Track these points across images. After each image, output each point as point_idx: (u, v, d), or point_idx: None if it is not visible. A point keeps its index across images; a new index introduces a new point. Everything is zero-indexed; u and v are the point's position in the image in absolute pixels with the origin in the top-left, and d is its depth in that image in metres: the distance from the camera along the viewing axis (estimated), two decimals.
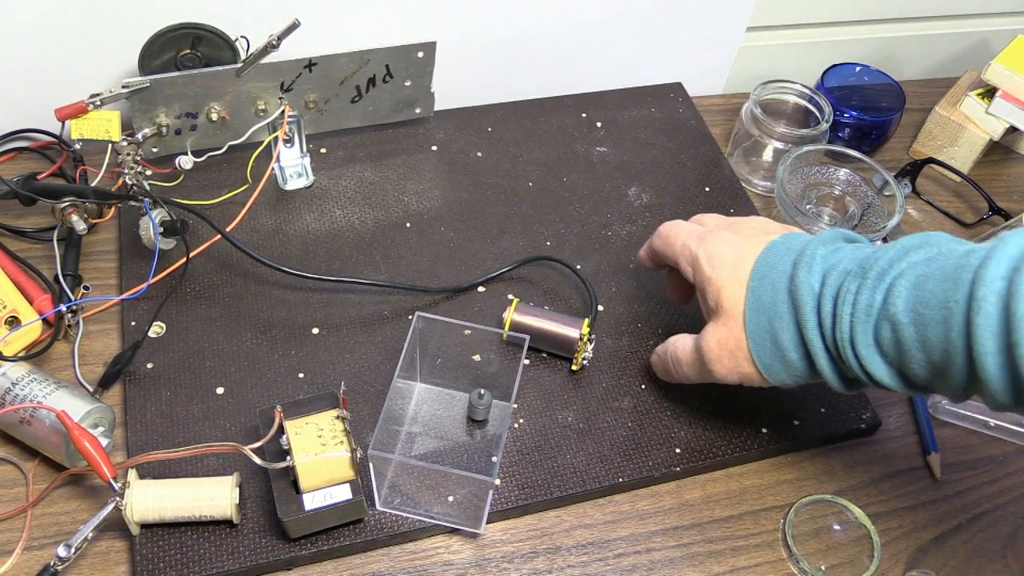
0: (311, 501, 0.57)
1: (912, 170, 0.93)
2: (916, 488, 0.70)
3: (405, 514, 0.62)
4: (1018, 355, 0.46)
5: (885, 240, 0.80)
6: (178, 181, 0.77)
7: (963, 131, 0.93)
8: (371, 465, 0.61)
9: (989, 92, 0.92)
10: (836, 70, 0.96)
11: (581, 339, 0.70)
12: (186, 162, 0.73)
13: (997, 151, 0.98)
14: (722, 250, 0.61)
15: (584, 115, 0.93)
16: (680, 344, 0.65)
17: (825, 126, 0.87)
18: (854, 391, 0.59)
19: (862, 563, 0.65)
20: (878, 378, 0.54)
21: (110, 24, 0.77)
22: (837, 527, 0.66)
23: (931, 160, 0.93)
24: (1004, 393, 0.48)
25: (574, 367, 0.71)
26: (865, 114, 0.93)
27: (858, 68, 0.97)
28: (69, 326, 0.70)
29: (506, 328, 0.70)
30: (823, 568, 0.64)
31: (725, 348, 0.60)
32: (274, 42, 0.72)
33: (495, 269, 0.77)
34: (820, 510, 0.67)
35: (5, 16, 0.75)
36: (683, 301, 0.72)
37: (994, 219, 0.90)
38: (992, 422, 0.73)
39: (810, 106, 0.91)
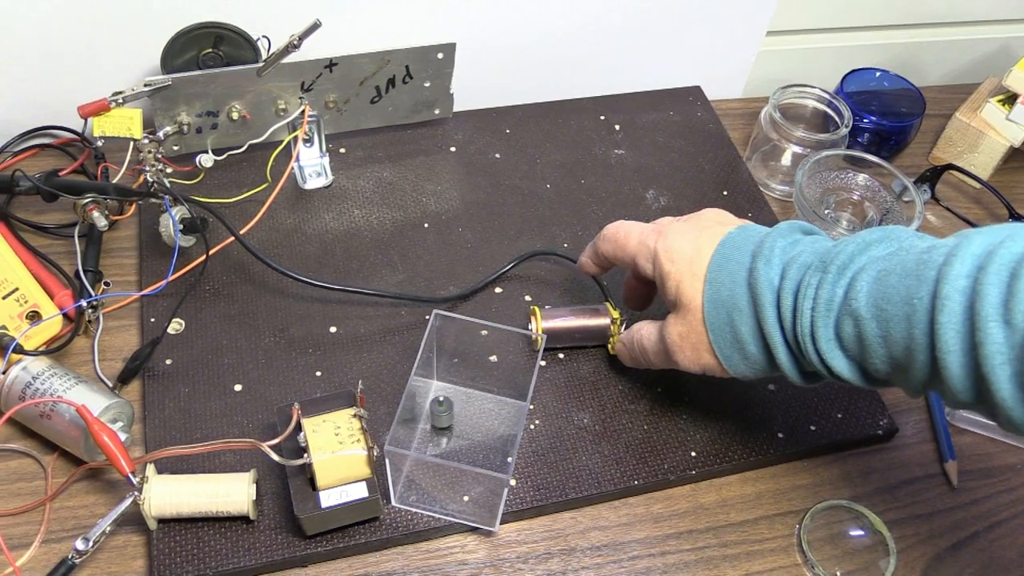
0: (327, 499, 0.57)
1: (932, 176, 0.92)
2: (933, 495, 0.69)
3: (420, 511, 0.62)
4: (982, 355, 0.46)
5: None
6: (198, 179, 0.78)
7: (983, 137, 0.93)
8: (387, 461, 0.61)
9: (1010, 98, 0.92)
10: (856, 75, 0.96)
11: (614, 323, 0.70)
12: (206, 160, 0.73)
13: (1017, 157, 0.98)
14: (679, 243, 0.61)
15: (602, 118, 0.93)
16: (645, 333, 0.65)
17: (844, 131, 0.87)
18: (812, 384, 0.58)
19: (877, 570, 0.64)
20: (838, 372, 0.54)
21: (133, 23, 0.78)
22: (853, 533, 0.66)
23: (951, 166, 0.93)
24: (967, 392, 0.48)
25: (611, 351, 0.71)
26: (885, 119, 0.92)
27: (878, 73, 0.97)
28: (89, 321, 0.70)
29: (539, 337, 0.69)
30: (838, 574, 0.64)
31: (687, 340, 0.60)
32: (295, 42, 0.73)
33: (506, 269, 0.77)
34: (836, 516, 0.67)
35: (29, 14, 0.76)
36: (642, 307, 0.71)
37: None
38: None
39: (829, 111, 0.91)
